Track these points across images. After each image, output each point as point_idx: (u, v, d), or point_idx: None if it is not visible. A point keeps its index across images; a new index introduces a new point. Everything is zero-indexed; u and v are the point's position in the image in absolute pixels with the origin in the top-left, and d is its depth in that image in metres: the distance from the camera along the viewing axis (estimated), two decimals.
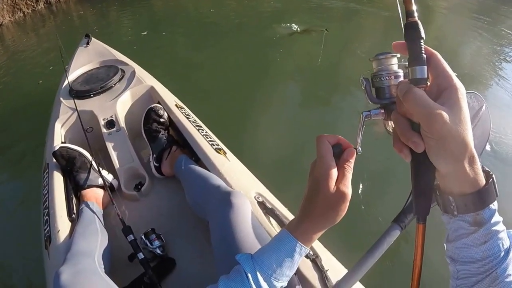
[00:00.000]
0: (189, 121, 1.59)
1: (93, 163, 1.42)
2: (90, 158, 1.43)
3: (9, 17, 6.82)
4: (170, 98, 1.77)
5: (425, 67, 0.41)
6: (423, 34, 0.41)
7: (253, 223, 0.96)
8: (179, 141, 1.57)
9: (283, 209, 1.20)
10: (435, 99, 0.39)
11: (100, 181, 1.39)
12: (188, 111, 1.74)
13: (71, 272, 0.85)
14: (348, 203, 0.53)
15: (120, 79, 1.90)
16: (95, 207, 1.29)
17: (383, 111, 0.47)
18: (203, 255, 1.20)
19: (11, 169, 2.58)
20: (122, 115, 1.71)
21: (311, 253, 1.02)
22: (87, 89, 1.81)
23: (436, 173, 0.43)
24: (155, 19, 6.04)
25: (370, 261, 0.73)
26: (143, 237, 1.18)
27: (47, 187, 1.35)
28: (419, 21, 0.41)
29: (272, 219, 1.15)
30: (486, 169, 0.43)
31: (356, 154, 0.53)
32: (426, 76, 0.41)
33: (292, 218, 0.60)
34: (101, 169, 1.41)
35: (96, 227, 1.16)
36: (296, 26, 4.59)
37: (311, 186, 0.54)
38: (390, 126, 0.48)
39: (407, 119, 0.42)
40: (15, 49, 5.24)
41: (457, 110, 0.38)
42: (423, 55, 0.41)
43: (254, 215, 1.04)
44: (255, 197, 1.21)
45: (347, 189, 0.52)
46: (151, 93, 1.83)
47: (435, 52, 0.42)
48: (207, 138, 1.49)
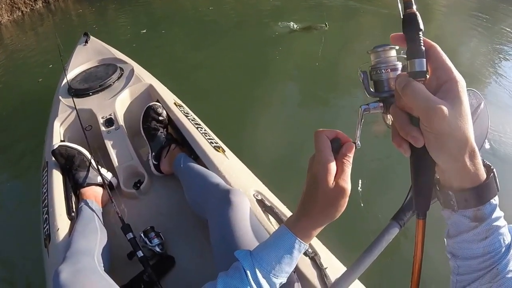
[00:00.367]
0: (188, 119, 1.59)
1: (92, 161, 1.42)
2: (89, 156, 1.43)
3: (8, 16, 6.80)
4: (169, 96, 1.77)
5: (424, 59, 0.40)
6: (421, 26, 0.40)
7: (252, 221, 0.96)
8: (178, 139, 1.56)
9: (282, 207, 1.20)
10: (434, 93, 0.38)
11: (99, 179, 1.39)
12: (187, 109, 1.73)
13: (71, 271, 0.85)
14: (348, 198, 0.52)
15: (119, 78, 1.89)
16: (94, 205, 1.29)
17: (382, 105, 0.47)
18: (202, 253, 1.20)
19: (10, 168, 2.58)
20: (121, 113, 1.71)
21: (310, 251, 1.02)
22: (86, 87, 1.81)
23: (436, 167, 0.43)
24: (154, 17, 6.03)
25: (369, 259, 0.73)
26: (142, 235, 1.18)
27: (46, 185, 1.35)
28: (417, 13, 0.40)
29: (271, 217, 1.15)
30: (487, 163, 0.42)
31: (355, 148, 0.52)
32: (425, 69, 0.40)
33: (291, 215, 0.60)
34: (100, 167, 1.40)
35: (96, 226, 1.16)
36: (295, 24, 4.58)
37: (309, 182, 0.53)
38: (389, 119, 0.47)
39: (406, 113, 0.41)
40: (14, 48, 5.23)
41: (458, 104, 0.37)
42: (422, 48, 0.40)
43: (253, 213, 1.04)
44: (254, 195, 1.21)
45: (347, 184, 0.51)
46: (150, 91, 1.83)
47: (434, 44, 0.41)
48: (206, 136, 1.49)
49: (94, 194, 1.35)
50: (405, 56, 0.42)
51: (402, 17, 0.41)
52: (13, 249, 1.87)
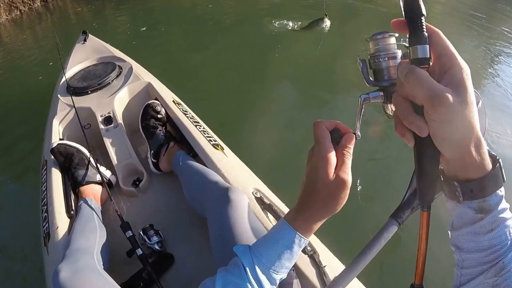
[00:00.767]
0: (187, 117, 1.58)
1: (91, 159, 1.41)
2: (88, 154, 1.42)
3: (6, 16, 6.78)
4: (167, 94, 1.77)
5: (427, 46, 0.38)
6: (424, 11, 0.38)
7: (251, 219, 0.96)
8: (177, 137, 1.56)
9: (281, 204, 1.19)
10: (438, 80, 0.37)
11: (98, 178, 1.38)
12: (186, 107, 1.73)
13: (70, 270, 0.85)
14: (349, 191, 0.51)
15: (118, 76, 1.89)
16: (94, 203, 1.28)
17: (382, 94, 0.45)
18: (201, 250, 1.20)
19: (10, 167, 2.57)
20: (119, 111, 1.70)
21: (309, 249, 1.02)
22: (84, 85, 1.80)
23: (441, 157, 0.41)
24: (152, 15, 6.02)
25: (367, 257, 0.72)
26: (141, 233, 1.18)
27: (45, 183, 1.34)
28: None
29: (269, 215, 1.14)
30: (493, 154, 0.41)
31: (355, 139, 0.51)
32: (429, 55, 0.38)
33: (290, 209, 0.58)
34: (99, 165, 1.40)
35: (95, 224, 1.15)
36: (294, 22, 4.58)
37: (309, 174, 0.52)
38: (390, 109, 0.46)
39: (409, 102, 0.39)
40: (12, 47, 5.21)
41: (463, 91, 0.36)
42: (425, 33, 0.38)
43: (252, 210, 1.04)
44: (253, 192, 1.20)
45: (347, 176, 0.50)
46: (149, 90, 1.82)
47: (437, 30, 0.39)
48: (204, 134, 1.48)
49: (93, 192, 1.34)
50: (405, 44, 0.40)
51: (403, 1, 0.39)
52: (12, 248, 1.87)
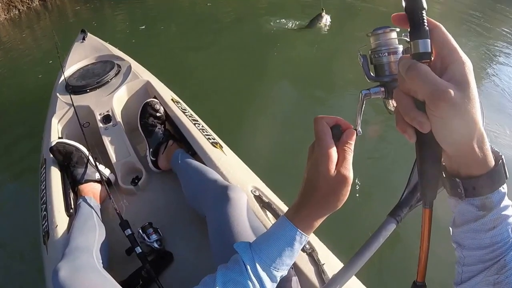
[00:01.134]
0: (186, 115, 1.58)
1: (90, 158, 1.41)
2: (87, 153, 1.42)
3: (5, 15, 6.76)
4: (166, 93, 1.76)
5: (429, 40, 0.37)
6: (425, 5, 0.37)
7: (250, 217, 0.96)
8: (176, 135, 1.56)
9: (280, 203, 1.19)
10: (440, 75, 0.36)
11: (97, 176, 1.38)
12: (185, 105, 1.72)
13: (70, 268, 0.85)
14: (350, 187, 0.50)
15: (116, 74, 1.88)
16: (93, 201, 1.28)
17: (383, 89, 0.45)
18: (201, 248, 1.19)
19: (9, 166, 2.56)
20: (118, 110, 1.70)
21: (307, 247, 1.02)
22: (83, 84, 1.80)
23: (443, 154, 0.41)
24: (151, 14, 6.00)
25: (366, 255, 0.72)
26: (140, 231, 1.18)
27: (44, 182, 1.34)
28: None
29: (269, 213, 1.15)
30: (495, 150, 0.40)
31: (356, 135, 0.51)
32: (430, 50, 0.38)
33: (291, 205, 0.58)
34: (98, 163, 1.40)
35: (94, 222, 1.15)
36: (293, 21, 4.58)
37: (310, 170, 0.51)
38: (391, 105, 0.46)
39: (410, 97, 0.38)
40: (11, 46, 5.20)
41: (465, 86, 0.35)
42: (426, 27, 0.37)
43: (251, 209, 1.04)
44: (252, 191, 1.20)
45: (349, 172, 0.49)
46: (147, 88, 1.82)
47: (438, 24, 0.38)
48: (203, 132, 1.48)
49: (92, 191, 1.34)
50: (406, 39, 0.39)
51: None
52: (12, 246, 1.87)
